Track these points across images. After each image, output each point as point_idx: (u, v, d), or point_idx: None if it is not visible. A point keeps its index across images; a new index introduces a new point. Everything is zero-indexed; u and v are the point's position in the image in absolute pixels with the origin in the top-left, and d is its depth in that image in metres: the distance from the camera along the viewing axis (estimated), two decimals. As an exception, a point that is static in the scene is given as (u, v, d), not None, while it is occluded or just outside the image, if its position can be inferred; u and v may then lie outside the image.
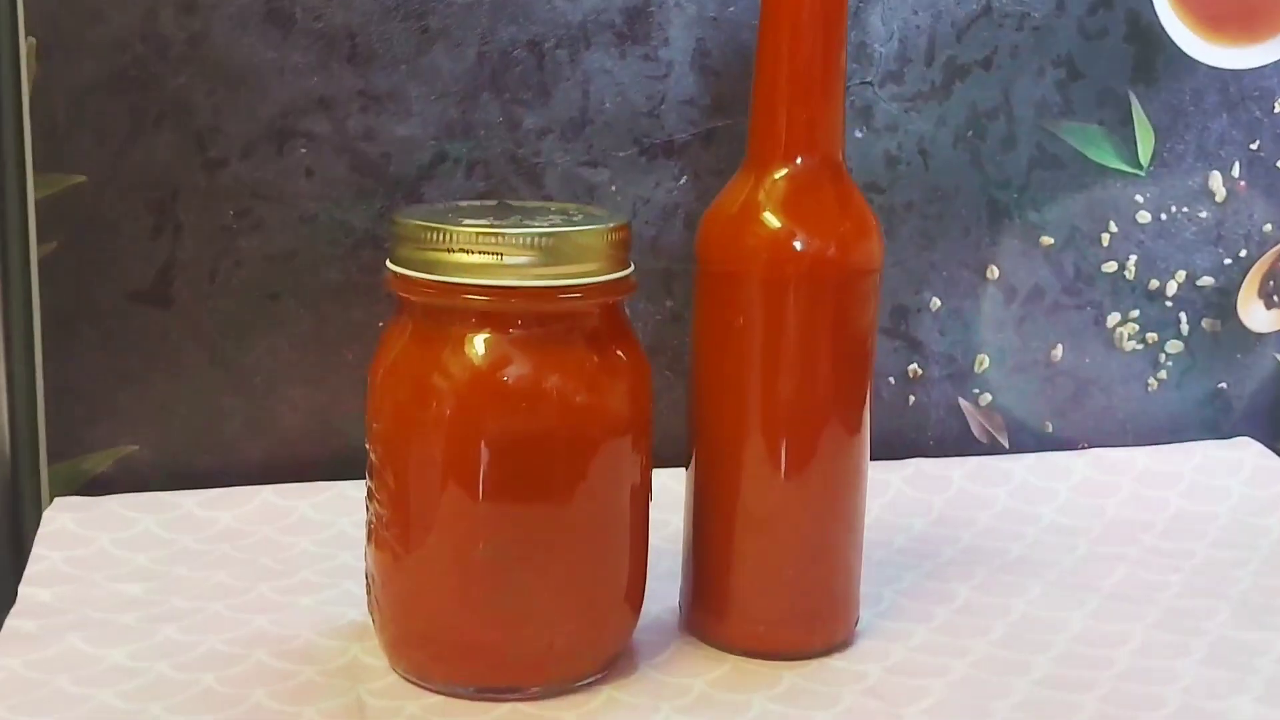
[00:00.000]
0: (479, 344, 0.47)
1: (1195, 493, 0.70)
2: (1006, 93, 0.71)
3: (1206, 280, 0.76)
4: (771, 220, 0.50)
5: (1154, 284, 0.75)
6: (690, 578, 0.54)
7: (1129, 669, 0.52)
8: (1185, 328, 0.76)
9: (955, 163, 0.71)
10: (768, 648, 0.52)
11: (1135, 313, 0.75)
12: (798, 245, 0.50)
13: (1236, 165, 0.75)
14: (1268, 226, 0.76)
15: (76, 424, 0.65)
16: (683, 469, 0.54)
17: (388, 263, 0.49)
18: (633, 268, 0.50)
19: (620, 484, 0.49)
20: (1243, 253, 0.76)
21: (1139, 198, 0.74)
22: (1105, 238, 0.74)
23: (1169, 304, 0.76)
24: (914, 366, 0.73)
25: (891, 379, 0.73)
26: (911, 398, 0.74)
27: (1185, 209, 0.75)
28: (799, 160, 0.50)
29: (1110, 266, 0.75)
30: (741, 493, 0.51)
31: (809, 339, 0.50)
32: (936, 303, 0.73)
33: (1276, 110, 0.75)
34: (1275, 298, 0.77)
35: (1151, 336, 0.76)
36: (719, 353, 0.52)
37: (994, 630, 0.55)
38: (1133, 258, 0.75)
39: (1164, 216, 0.75)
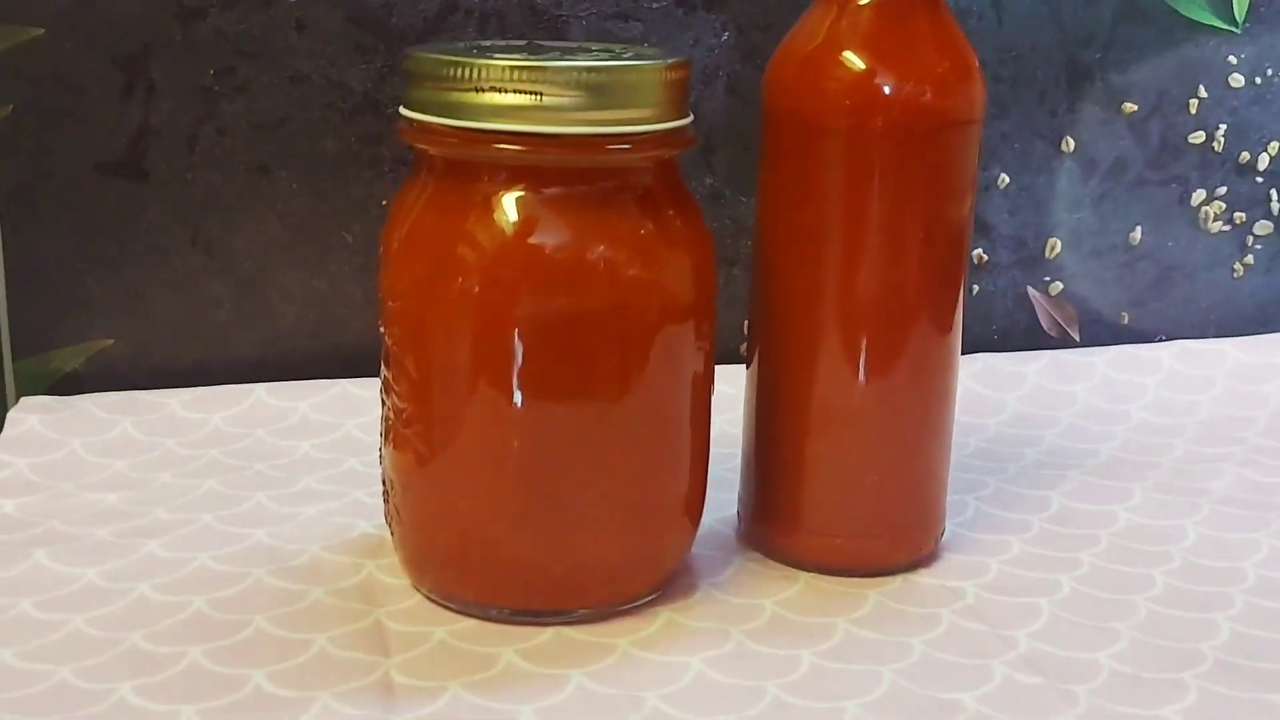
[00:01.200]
0: (511, 205, 0.39)
1: (1296, 387, 0.63)
2: (1090, -63, 0.63)
3: (1303, 153, 0.68)
4: (854, 60, 0.42)
5: (1244, 156, 0.68)
6: (752, 486, 0.47)
7: (1261, 583, 0.45)
8: (1276, 206, 0.69)
9: (1033, 17, 0.63)
10: (845, 563, 0.45)
11: (1222, 190, 0.68)
12: (886, 89, 0.42)
13: (1340, 23, 0.67)
14: (1374, 92, 0.68)
15: (43, 315, 0.58)
16: (733, 366, 0.47)
17: (401, 109, 0.41)
18: (692, 117, 0.42)
19: (680, 375, 0.42)
20: (1341, 123, 0.68)
21: (1232, 58, 0.66)
22: (1194, 104, 0.66)
23: (1259, 179, 0.68)
24: (979, 251, 0.66)
25: (955, 264, 0.65)
26: (975, 286, 0.66)
27: (1283, 72, 0.67)
28: (888, -16, 0.42)
29: (1198, 137, 0.67)
30: (816, 390, 0.44)
31: (899, 203, 0.43)
32: (1005, 179, 0.65)
33: (1390, -42, 0.66)
34: (1378, 173, 0.69)
35: (1239, 216, 0.68)
36: (790, 224, 0.44)
37: (1099, 541, 0.48)
38: (1222, 127, 0.67)
39: (1259, 80, 0.67)
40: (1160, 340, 0.68)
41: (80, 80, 0.56)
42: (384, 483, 0.43)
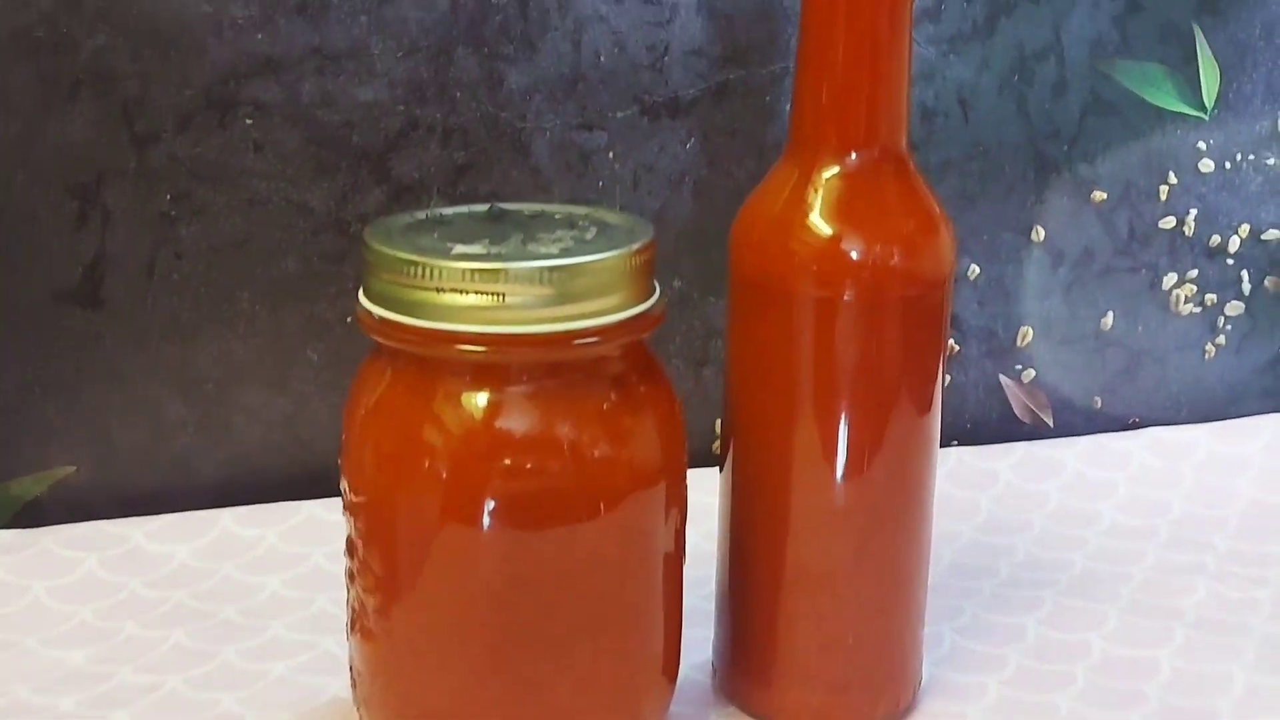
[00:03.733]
0: (477, 398, 0.38)
1: (1266, 480, 0.63)
2: (1057, 29, 0.63)
3: (1272, 234, 0.68)
4: (821, 225, 0.42)
5: (1215, 240, 0.67)
6: (726, 637, 0.46)
7: (1236, 731, 0.45)
8: (1247, 287, 0.69)
9: (999, 113, 0.63)
10: (824, 722, 0.45)
11: (1193, 273, 0.68)
12: (854, 254, 0.41)
13: (1307, 104, 0.67)
14: (1342, 174, 0.68)
15: (2, 443, 0.56)
16: (707, 470, 0.46)
17: (360, 295, 0.40)
18: (659, 292, 0.41)
19: (654, 547, 0.41)
20: (1310, 201, 0.68)
21: (1201, 144, 0.66)
22: (1163, 190, 0.66)
23: (1230, 261, 0.68)
24: (950, 343, 0.66)
25: (926, 357, 0.65)
26: (947, 377, 0.66)
27: (1251, 156, 0.67)
28: (854, 156, 0.42)
29: (1168, 222, 0.67)
30: (790, 550, 0.44)
31: (869, 369, 0.42)
32: (975, 270, 0.65)
33: (1357, 42, 0.66)
34: (1346, 252, 0.69)
35: (1210, 298, 0.68)
36: (759, 384, 0.43)
37: (1075, 679, 0.48)
38: (1192, 212, 0.67)
39: (1228, 165, 0.66)
40: (1134, 424, 0.68)
41: (32, 210, 0.55)
42: (351, 671, 0.42)
